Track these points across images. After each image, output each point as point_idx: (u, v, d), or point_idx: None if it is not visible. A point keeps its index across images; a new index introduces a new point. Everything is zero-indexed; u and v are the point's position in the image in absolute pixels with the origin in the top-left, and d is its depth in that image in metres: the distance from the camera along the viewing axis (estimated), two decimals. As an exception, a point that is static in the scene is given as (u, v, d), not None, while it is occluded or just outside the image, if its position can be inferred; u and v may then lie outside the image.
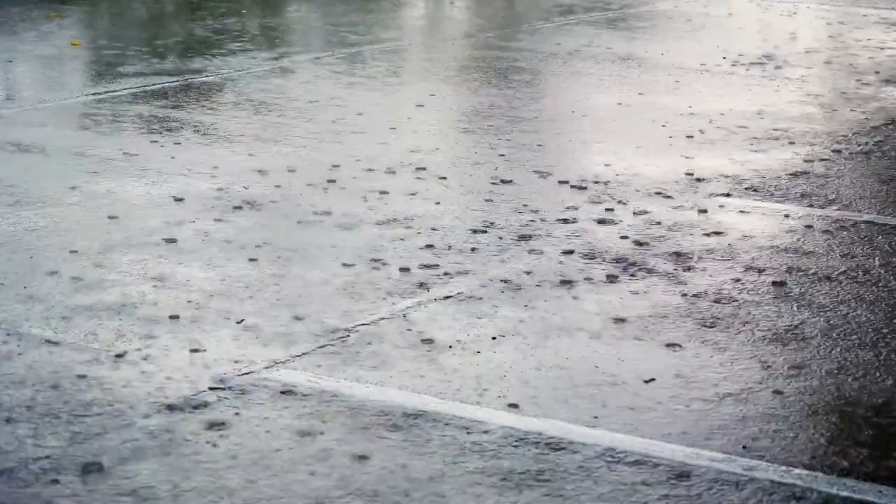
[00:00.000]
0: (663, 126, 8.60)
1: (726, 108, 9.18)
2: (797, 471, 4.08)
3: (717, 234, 6.38)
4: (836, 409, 4.54)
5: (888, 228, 6.58)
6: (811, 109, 9.30)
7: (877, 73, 10.70)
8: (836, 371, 4.84)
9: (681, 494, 3.92)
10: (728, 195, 7.05)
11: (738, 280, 5.75)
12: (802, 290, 5.68)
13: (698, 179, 7.32)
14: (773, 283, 5.72)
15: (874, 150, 8.15)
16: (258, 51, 11.04)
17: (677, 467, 4.07)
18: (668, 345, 5.02)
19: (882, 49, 11.88)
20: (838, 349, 5.05)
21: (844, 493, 3.96)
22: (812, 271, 5.92)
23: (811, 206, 6.91)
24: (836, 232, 6.50)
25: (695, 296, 5.55)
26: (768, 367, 4.85)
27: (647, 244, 6.19)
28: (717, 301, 5.49)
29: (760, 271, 5.88)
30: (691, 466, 4.08)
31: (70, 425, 4.23)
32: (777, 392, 4.63)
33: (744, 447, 4.21)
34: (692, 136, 8.32)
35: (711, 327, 5.21)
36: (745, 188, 7.20)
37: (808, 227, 6.55)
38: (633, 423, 4.37)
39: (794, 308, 5.45)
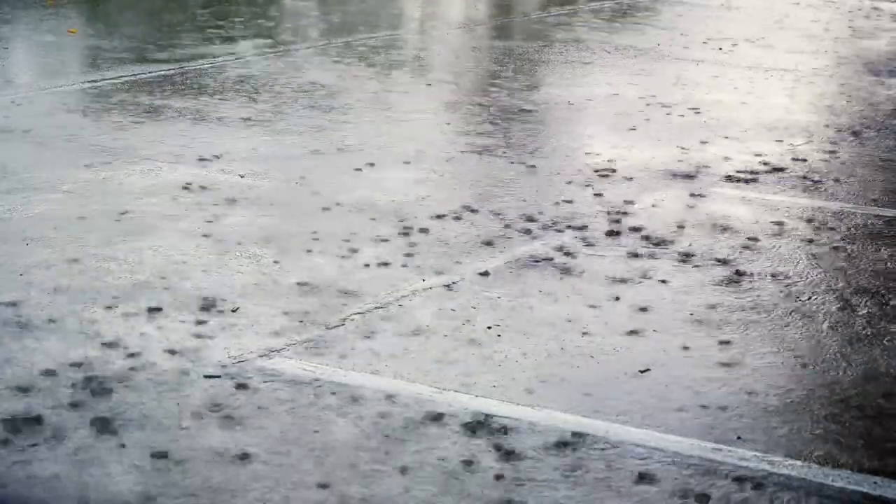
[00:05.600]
0: (661, 116, 8.60)
1: (724, 100, 9.17)
2: (790, 461, 4.07)
3: (716, 226, 6.39)
4: (832, 402, 4.53)
5: (889, 220, 6.59)
6: (812, 101, 9.30)
7: (877, 62, 10.70)
8: (832, 365, 4.84)
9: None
10: (726, 187, 7.06)
11: (742, 270, 5.76)
12: (800, 283, 5.68)
13: (695, 170, 7.32)
14: (771, 276, 5.73)
15: (876, 142, 8.16)
16: (255, 39, 11.03)
17: (669, 456, 4.08)
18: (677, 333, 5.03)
19: (884, 40, 11.89)
20: (835, 342, 5.05)
21: (839, 484, 3.95)
22: (814, 265, 5.92)
23: (813, 198, 6.92)
24: (837, 225, 6.50)
25: (686, 290, 5.56)
26: (763, 359, 4.85)
27: (647, 238, 6.19)
28: (719, 295, 5.51)
29: (761, 264, 5.89)
30: (684, 455, 4.09)
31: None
32: (772, 385, 4.63)
33: (738, 437, 4.21)
34: (689, 128, 8.32)
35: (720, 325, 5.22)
36: (745, 180, 7.20)
37: (809, 219, 6.56)
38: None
39: (793, 304, 5.45)
